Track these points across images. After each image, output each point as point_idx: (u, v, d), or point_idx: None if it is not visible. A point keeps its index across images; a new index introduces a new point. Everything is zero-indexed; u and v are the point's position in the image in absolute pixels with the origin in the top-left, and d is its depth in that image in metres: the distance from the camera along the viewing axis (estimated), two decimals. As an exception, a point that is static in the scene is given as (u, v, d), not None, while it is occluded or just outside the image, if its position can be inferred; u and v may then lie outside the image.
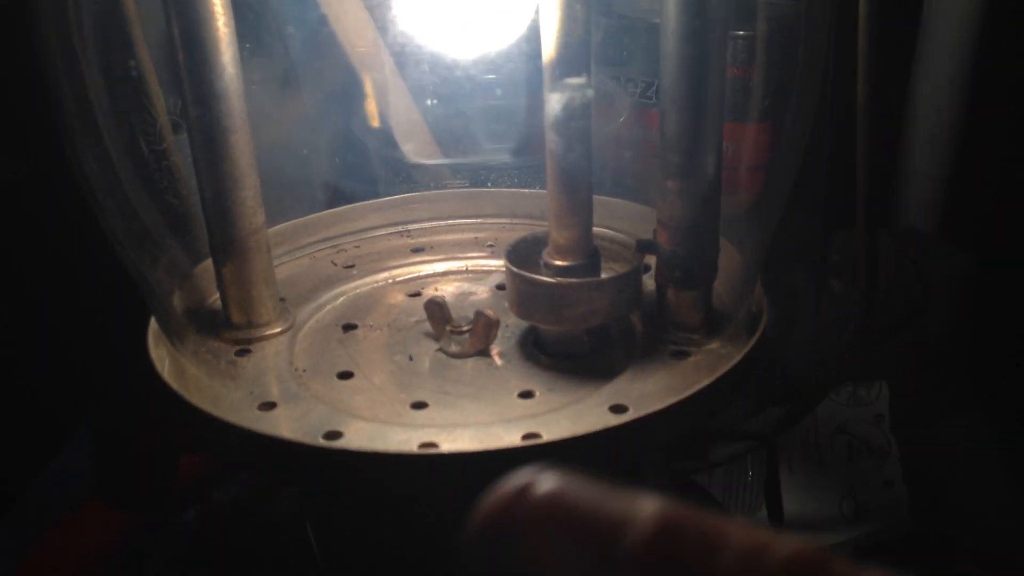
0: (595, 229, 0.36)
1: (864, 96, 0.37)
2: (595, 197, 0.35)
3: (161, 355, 0.35)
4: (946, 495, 0.59)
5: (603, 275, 0.37)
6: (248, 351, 0.38)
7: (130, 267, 0.35)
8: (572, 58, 0.33)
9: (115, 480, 0.38)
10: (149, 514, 0.55)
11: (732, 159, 0.36)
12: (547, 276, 0.36)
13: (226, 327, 0.39)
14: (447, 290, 0.43)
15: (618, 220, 0.44)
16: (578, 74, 0.33)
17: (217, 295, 0.40)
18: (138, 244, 0.36)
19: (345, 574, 0.38)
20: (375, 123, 0.57)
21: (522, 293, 0.36)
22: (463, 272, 0.45)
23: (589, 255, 0.36)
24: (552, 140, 0.34)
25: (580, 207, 0.35)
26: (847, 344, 0.40)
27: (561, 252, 0.36)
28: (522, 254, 0.38)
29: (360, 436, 0.32)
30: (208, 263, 0.41)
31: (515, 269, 0.36)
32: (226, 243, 0.37)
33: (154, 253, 0.37)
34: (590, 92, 0.33)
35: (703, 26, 0.31)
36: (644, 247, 0.37)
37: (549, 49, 0.33)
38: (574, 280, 0.35)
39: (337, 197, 0.62)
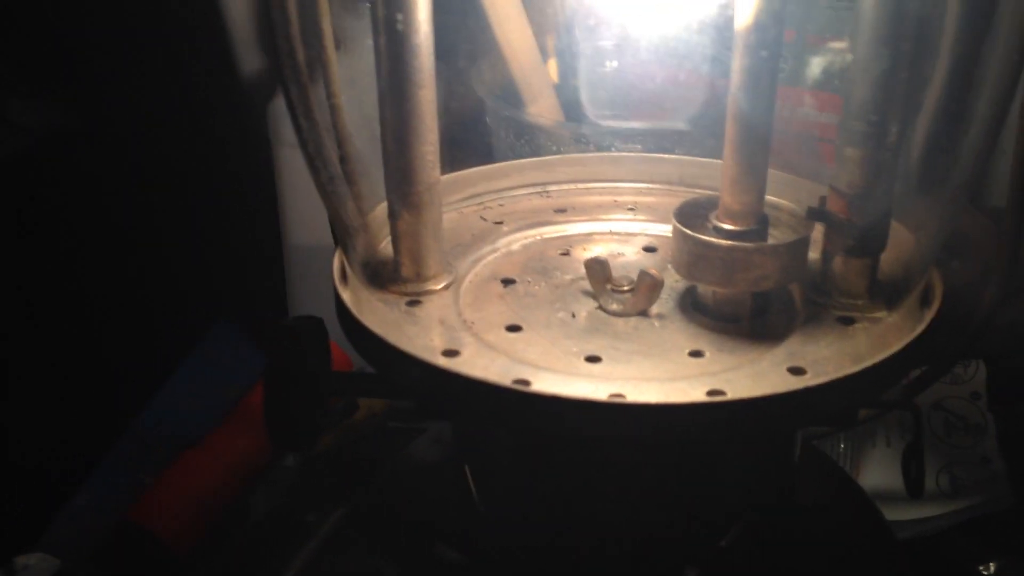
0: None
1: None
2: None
3: (347, 298, 0.37)
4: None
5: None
6: (418, 302, 0.39)
7: (326, 201, 0.36)
8: (767, 25, 0.33)
9: (278, 415, 0.39)
10: (301, 450, 0.57)
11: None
12: (719, 239, 0.37)
13: (396, 278, 0.40)
14: (596, 250, 0.44)
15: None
16: (772, 41, 0.33)
17: (380, 247, 0.42)
18: (334, 185, 0.38)
19: (505, 515, 0.39)
20: (500, 82, 0.58)
21: (693, 255, 0.37)
22: (608, 234, 0.46)
23: (760, 220, 0.37)
24: (737, 105, 0.35)
25: (757, 173, 0.36)
26: (986, 316, 0.41)
27: (733, 216, 0.37)
28: (688, 217, 0.38)
29: (549, 385, 0.33)
30: (372, 215, 0.42)
31: (689, 231, 0.36)
32: (404, 196, 0.38)
33: (343, 194, 0.38)
34: (780, 58, 0.34)
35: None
36: (814, 215, 0.37)
37: (746, 16, 0.33)
38: (751, 244, 0.36)
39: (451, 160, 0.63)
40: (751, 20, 0.33)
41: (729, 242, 0.36)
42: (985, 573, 0.57)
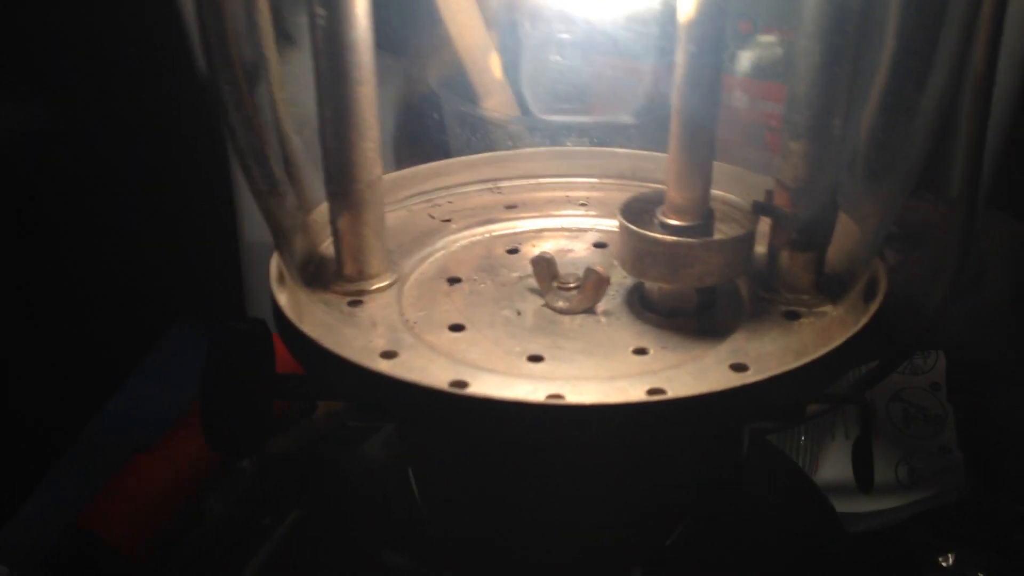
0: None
1: (984, 63, 0.37)
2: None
3: (283, 300, 0.36)
4: (1003, 463, 0.60)
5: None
6: (360, 302, 0.38)
7: (260, 204, 0.35)
8: (710, 19, 0.33)
9: (216, 421, 0.38)
10: (243, 456, 0.56)
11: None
12: (664, 235, 0.36)
13: (337, 278, 0.39)
14: (545, 247, 0.43)
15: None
16: (715, 35, 0.33)
17: (323, 246, 0.41)
18: (269, 184, 0.37)
19: (449, 518, 0.39)
20: (454, 76, 0.57)
21: (639, 251, 0.36)
22: (558, 230, 0.45)
23: (705, 215, 0.37)
24: (681, 100, 0.34)
25: (702, 168, 0.36)
26: (938, 307, 0.41)
27: (679, 212, 0.36)
28: (634, 213, 0.38)
29: (487, 387, 0.33)
30: (312, 216, 0.41)
31: (634, 227, 0.36)
32: (344, 194, 0.37)
33: (280, 194, 0.37)
34: (724, 53, 0.33)
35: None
36: (760, 209, 0.37)
37: (688, 10, 0.33)
38: (696, 239, 0.35)
39: (405, 157, 0.62)
40: (693, 14, 0.33)
41: (673, 238, 0.36)
42: (944, 564, 0.57)
